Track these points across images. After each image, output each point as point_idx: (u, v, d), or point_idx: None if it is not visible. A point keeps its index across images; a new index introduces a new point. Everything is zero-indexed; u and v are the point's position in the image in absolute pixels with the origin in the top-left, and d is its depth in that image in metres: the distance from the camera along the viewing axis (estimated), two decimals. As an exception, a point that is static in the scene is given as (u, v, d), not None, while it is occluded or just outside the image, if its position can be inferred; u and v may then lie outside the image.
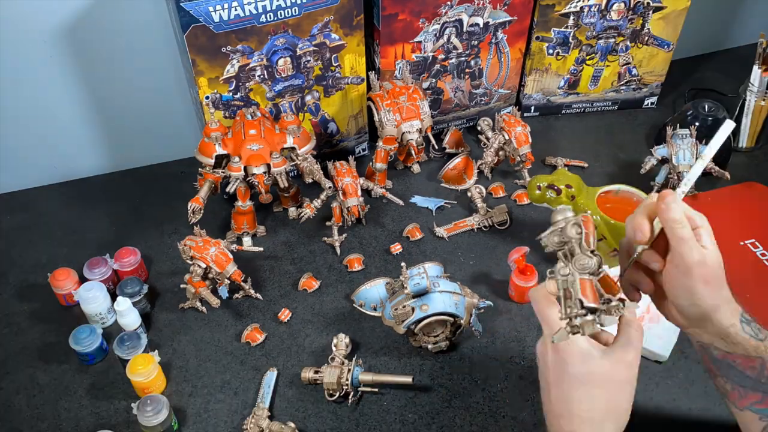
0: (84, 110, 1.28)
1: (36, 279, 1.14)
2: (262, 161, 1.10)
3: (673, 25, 1.35)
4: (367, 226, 1.22)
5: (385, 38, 1.22)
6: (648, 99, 1.47)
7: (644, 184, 1.20)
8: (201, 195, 1.11)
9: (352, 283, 1.11)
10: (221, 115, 1.18)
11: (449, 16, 1.23)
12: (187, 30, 1.04)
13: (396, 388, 0.97)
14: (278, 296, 1.11)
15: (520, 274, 1.05)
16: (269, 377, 0.98)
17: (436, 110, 1.37)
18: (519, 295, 1.07)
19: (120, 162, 1.36)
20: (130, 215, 1.26)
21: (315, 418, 0.94)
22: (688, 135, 1.19)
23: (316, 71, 1.20)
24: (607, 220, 1.03)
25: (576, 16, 1.31)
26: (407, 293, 0.95)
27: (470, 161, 1.31)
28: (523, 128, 1.24)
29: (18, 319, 1.08)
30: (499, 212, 1.21)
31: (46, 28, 1.15)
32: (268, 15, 1.08)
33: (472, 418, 0.93)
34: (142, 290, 1.06)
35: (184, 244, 1.05)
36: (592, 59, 1.39)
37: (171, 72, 1.26)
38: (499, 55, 1.34)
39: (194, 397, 0.97)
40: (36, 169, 1.32)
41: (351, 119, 1.31)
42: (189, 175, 1.22)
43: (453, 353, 1.01)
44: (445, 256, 1.16)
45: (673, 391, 0.96)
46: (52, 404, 0.97)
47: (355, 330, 1.05)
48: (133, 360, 0.95)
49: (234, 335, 1.05)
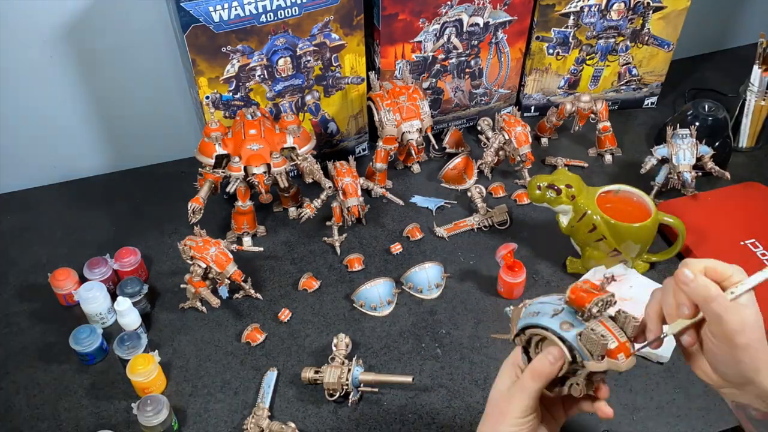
0: (84, 110, 1.28)
1: (36, 279, 1.14)
2: (262, 161, 1.10)
3: (673, 25, 1.35)
4: (367, 226, 1.22)
5: (385, 38, 1.22)
6: (648, 99, 1.47)
7: (644, 184, 1.20)
8: (201, 195, 1.11)
9: (352, 283, 1.11)
10: (221, 115, 1.18)
11: (449, 16, 1.23)
12: (187, 30, 1.04)
13: (396, 388, 0.97)
14: (278, 296, 1.11)
15: (508, 270, 1.06)
16: (269, 377, 0.98)
17: (436, 110, 1.37)
18: (507, 291, 1.08)
19: (120, 162, 1.36)
20: (130, 215, 1.26)
21: (315, 418, 0.94)
22: (688, 135, 1.19)
23: (316, 71, 1.20)
24: (607, 220, 1.03)
25: (576, 16, 1.31)
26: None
27: (470, 161, 1.31)
28: (523, 128, 1.24)
29: (18, 319, 1.08)
30: (499, 212, 1.21)
31: (46, 28, 1.15)
32: (268, 15, 1.08)
33: (472, 418, 0.93)
34: (142, 290, 1.06)
35: (184, 244, 1.05)
36: (592, 59, 1.39)
37: (171, 72, 1.26)
38: (499, 55, 1.34)
39: (194, 397, 0.97)
40: (36, 169, 1.32)
41: (351, 119, 1.31)
42: (189, 175, 1.22)
43: (453, 353, 1.01)
44: (445, 256, 1.16)
45: (673, 391, 0.96)
46: (52, 404, 0.97)
47: (355, 330, 1.05)
48: (133, 360, 0.94)
49: (234, 335, 1.05)
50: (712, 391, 0.96)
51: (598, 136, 1.34)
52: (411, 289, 1.10)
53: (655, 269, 1.12)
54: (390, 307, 1.08)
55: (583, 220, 1.05)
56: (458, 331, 1.04)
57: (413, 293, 1.10)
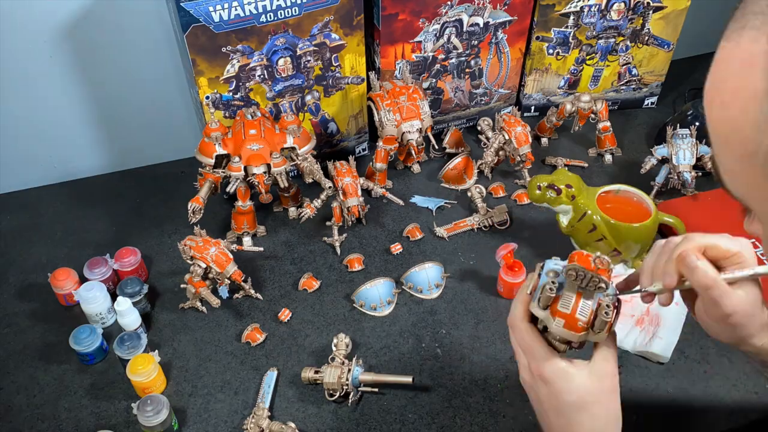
0: (84, 110, 1.28)
1: (36, 279, 1.14)
2: (262, 161, 1.10)
3: (673, 25, 1.35)
4: (367, 226, 1.22)
5: (386, 38, 1.22)
6: (648, 99, 1.47)
7: (644, 184, 1.20)
8: (201, 195, 1.11)
9: (352, 283, 1.11)
10: (221, 115, 1.18)
11: (449, 16, 1.23)
12: (187, 30, 1.04)
13: (396, 388, 0.97)
14: (278, 296, 1.11)
15: (508, 270, 1.05)
16: (269, 377, 0.98)
17: (436, 110, 1.37)
18: (507, 291, 1.07)
19: (120, 162, 1.36)
20: (130, 215, 1.26)
21: (315, 418, 0.94)
22: (688, 135, 1.19)
23: (316, 71, 1.20)
24: (607, 220, 1.03)
25: (576, 16, 1.31)
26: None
27: (470, 161, 1.31)
28: (523, 128, 1.24)
29: (18, 319, 1.08)
30: (500, 212, 1.21)
31: (46, 28, 1.15)
32: (268, 15, 1.08)
33: (472, 418, 0.93)
34: (142, 290, 1.06)
35: (185, 244, 1.05)
36: (592, 59, 1.39)
37: (171, 72, 1.26)
38: (499, 55, 1.34)
39: (194, 397, 0.97)
40: (36, 169, 1.32)
41: (351, 119, 1.31)
42: (189, 175, 1.22)
43: (453, 353, 1.01)
44: (445, 256, 1.16)
45: (673, 391, 0.96)
46: (52, 404, 0.97)
47: (355, 330, 1.05)
48: (133, 360, 0.94)
49: (234, 335, 1.05)
50: (712, 391, 0.96)
51: (598, 136, 1.34)
52: (411, 289, 1.10)
53: (655, 269, 1.12)
54: (390, 307, 1.08)
55: (583, 220, 1.05)
56: (458, 331, 1.04)
57: (413, 293, 1.10)
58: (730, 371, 0.97)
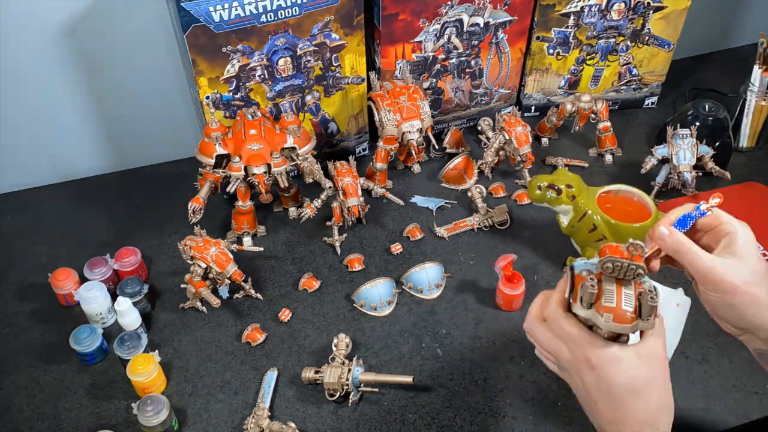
0: (84, 110, 1.28)
1: (36, 279, 1.14)
2: (263, 161, 1.10)
3: (673, 25, 1.35)
4: (368, 226, 1.22)
5: (386, 38, 1.22)
6: (648, 99, 1.47)
7: (644, 184, 1.20)
8: (201, 195, 1.11)
9: (352, 283, 1.11)
10: (221, 115, 1.18)
11: (449, 16, 1.23)
12: (187, 30, 1.04)
13: (396, 388, 0.97)
14: (278, 296, 1.11)
15: (507, 282, 1.04)
16: (269, 377, 0.98)
17: (436, 110, 1.37)
18: (506, 303, 1.06)
19: (120, 162, 1.36)
20: (130, 215, 1.26)
21: (315, 418, 0.94)
22: (688, 135, 1.19)
23: (317, 71, 1.20)
24: (607, 220, 1.03)
25: (576, 16, 1.31)
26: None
27: (470, 161, 1.31)
28: (524, 128, 1.24)
29: (18, 319, 1.08)
30: (500, 212, 1.21)
31: (46, 28, 1.15)
32: (269, 15, 1.08)
33: (472, 418, 0.93)
34: (142, 290, 1.06)
35: (185, 244, 1.05)
36: (593, 59, 1.39)
37: (171, 72, 1.26)
38: (499, 55, 1.34)
39: (194, 397, 0.97)
40: (36, 169, 1.32)
41: (351, 119, 1.31)
42: (189, 175, 1.22)
43: (453, 353, 1.01)
44: (445, 256, 1.16)
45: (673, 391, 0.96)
46: (52, 404, 0.97)
47: (355, 330, 1.05)
48: (134, 360, 0.94)
49: (234, 335, 1.05)
50: (713, 392, 0.96)
51: (599, 136, 1.34)
52: (411, 289, 1.10)
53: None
54: (390, 307, 1.08)
55: (584, 220, 1.05)
56: (458, 331, 1.04)
57: (413, 293, 1.10)
58: (730, 371, 0.97)
